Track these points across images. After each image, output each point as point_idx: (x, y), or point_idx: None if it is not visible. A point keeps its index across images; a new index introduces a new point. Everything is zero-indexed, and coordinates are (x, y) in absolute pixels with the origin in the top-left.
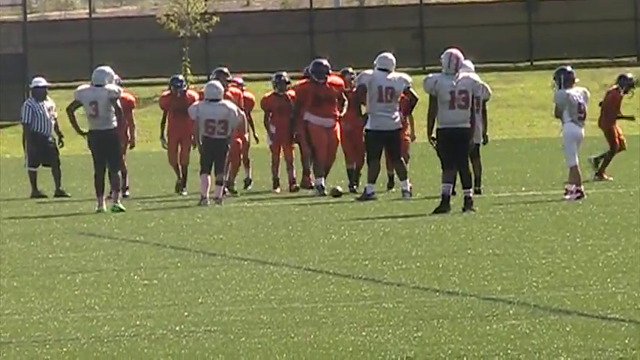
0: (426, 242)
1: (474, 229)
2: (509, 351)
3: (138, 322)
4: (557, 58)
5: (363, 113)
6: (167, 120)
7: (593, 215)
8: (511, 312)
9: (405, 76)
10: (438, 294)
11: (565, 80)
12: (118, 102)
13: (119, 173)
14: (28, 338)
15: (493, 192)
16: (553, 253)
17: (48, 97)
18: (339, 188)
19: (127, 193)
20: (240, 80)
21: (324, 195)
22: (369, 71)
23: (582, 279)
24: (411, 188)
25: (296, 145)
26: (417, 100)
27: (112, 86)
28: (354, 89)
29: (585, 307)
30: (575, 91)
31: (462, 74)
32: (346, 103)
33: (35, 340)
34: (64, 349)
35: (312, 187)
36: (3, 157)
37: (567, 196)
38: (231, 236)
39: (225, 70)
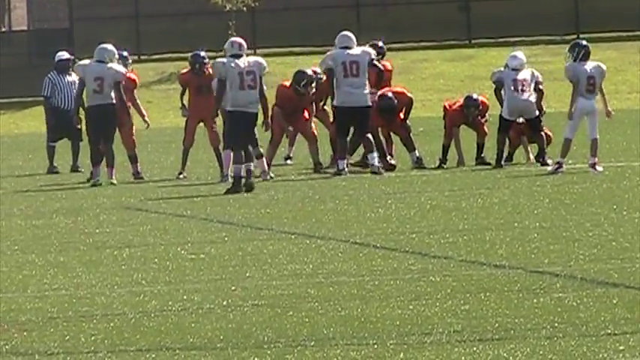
0: (472, 215)
1: (521, 202)
2: (556, 324)
3: (185, 297)
4: (604, 31)
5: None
6: (188, 98)
7: None
8: (558, 285)
9: (369, 49)
10: (484, 267)
11: (578, 54)
12: (122, 83)
13: (113, 150)
14: (76, 313)
15: (540, 165)
16: (600, 225)
17: (72, 72)
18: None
19: (143, 176)
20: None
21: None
22: (331, 52)
23: (629, 251)
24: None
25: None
26: (383, 73)
27: (118, 66)
28: (324, 74)
29: (632, 280)
30: (588, 65)
31: (249, 58)
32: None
33: (82, 315)
34: (112, 324)
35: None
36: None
37: (549, 167)
38: (278, 210)
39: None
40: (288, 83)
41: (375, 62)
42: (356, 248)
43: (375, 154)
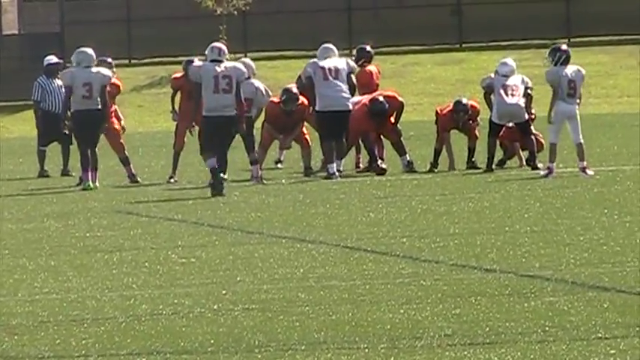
0: (463, 219)
1: (512, 206)
2: (547, 328)
3: (176, 301)
4: (595, 35)
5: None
6: (180, 102)
7: (631, 192)
8: (549, 289)
9: (350, 61)
10: (475, 271)
11: (559, 58)
12: (108, 86)
13: (97, 153)
14: (66, 317)
15: (531, 169)
16: (591, 229)
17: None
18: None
19: (139, 178)
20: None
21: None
22: (312, 60)
23: (620, 255)
24: (342, 169)
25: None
26: (355, 87)
27: (105, 70)
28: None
29: (623, 284)
30: (568, 69)
31: (228, 63)
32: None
33: (73, 319)
34: (102, 328)
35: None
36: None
37: (541, 172)
38: (269, 214)
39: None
40: (277, 99)
41: (352, 75)
42: (347, 252)
43: (341, 162)
